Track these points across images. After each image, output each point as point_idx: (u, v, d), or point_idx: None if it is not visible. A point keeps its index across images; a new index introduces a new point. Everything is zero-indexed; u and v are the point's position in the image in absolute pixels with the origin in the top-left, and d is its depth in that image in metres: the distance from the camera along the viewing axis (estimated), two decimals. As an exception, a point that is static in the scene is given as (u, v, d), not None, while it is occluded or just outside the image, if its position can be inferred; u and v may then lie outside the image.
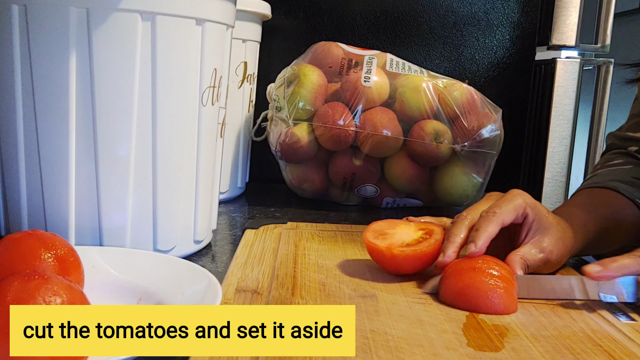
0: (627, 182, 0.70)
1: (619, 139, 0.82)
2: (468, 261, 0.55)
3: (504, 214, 0.58)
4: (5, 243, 0.48)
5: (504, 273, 0.53)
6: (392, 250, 0.58)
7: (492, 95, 0.96)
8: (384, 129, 0.90)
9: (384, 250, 0.59)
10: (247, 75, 0.96)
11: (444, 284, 0.54)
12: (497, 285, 0.52)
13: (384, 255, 0.59)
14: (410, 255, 0.58)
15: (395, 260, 0.59)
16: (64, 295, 0.38)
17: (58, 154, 0.58)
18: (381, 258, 0.60)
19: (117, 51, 0.57)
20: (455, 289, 0.53)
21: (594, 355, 0.44)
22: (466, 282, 0.53)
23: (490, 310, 0.51)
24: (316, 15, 1.15)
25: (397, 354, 0.43)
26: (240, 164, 1.01)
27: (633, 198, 0.68)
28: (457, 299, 0.53)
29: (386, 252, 0.59)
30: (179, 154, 0.63)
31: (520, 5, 1.16)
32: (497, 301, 0.51)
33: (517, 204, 0.59)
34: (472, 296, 0.52)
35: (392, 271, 0.60)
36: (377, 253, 0.60)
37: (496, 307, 0.51)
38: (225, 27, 0.67)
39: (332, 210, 0.95)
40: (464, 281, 0.53)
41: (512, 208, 0.59)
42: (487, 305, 0.51)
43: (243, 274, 0.58)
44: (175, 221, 0.64)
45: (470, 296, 0.52)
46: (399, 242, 0.60)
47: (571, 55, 1.17)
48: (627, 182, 0.70)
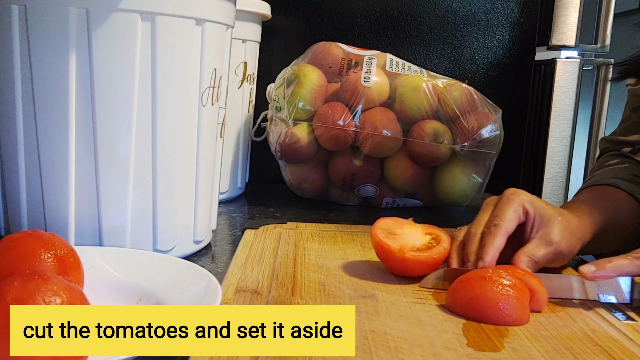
0: (626, 179, 0.71)
1: (612, 142, 0.82)
2: (478, 270, 0.54)
3: (507, 222, 0.58)
4: (5, 243, 0.48)
5: (515, 282, 0.51)
6: (404, 253, 0.58)
7: (492, 95, 0.96)
8: (383, 129, 0.90)
9: (395, 252, 0.58)
10: (247, 75, 0.96)
11: (452, 294, 0.53)
12: (508, 295, 0.50)
13: (394, 257, 0.58)
14: (422, 261, 0.58)
15: (405, 264, 0.58)
16: (64, 295, 0.38)
17: (58, 154, 0.58)
18: (391, 259, 0.59)
19: (117, 51, 0.57)
20: (464, 300, 0.51)
21: (594, 355, 0.44)
22: (476, 292, 0.51)
23: (502, 321, 0.49)
24: (316, 15, 1.15)
25: (397, 354, 0.43)
26: (240, 164, 1.01)
27: (633, 193, 0.69)
28: (466, 310, 0.51)
29: (398, 254, 0.58)
30: (179, 154, 0.63)
31: (520, 5, 1.16)
32: (508, 312, 0.49)
33: (515, 206, 0.59)
34: (483, 307, 0.50)
35: (397, 273, 0.60)
36: (388, 253, 0.59)
37: (508, 318, 0.49)
38: (225, 27, 0.67)
39: (332, 210, 0.95)
40: (474, 291, 0.51)
41: (513, 213, 0.58)
42: (499, 316, 0.49)
43: (243, 274, 0.58)
44: (175, 221, 0.64)
45: (480, 307, 0.50)
46: (410, 245, 0.59)
47: (571, 56, 1.17)
48: (626, 178, 0.71)
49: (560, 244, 0.58)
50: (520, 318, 0.50)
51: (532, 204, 0.59)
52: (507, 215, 0.58)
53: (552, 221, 0.59)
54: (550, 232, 0.58)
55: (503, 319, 0.49)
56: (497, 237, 0.57)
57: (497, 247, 0.56)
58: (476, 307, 0.50)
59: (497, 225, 0.58)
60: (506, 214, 0.58)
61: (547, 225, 0.58)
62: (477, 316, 0.50)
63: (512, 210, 0.58)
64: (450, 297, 0.53)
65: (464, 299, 0.51)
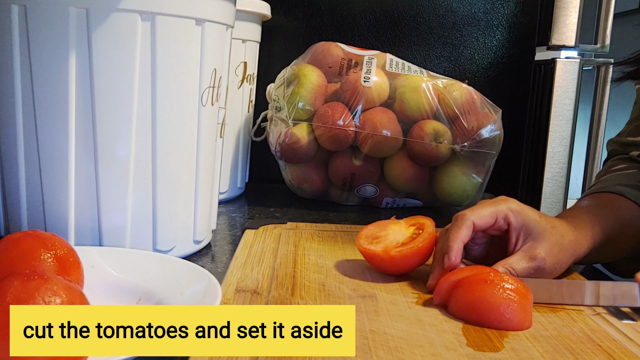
0: (631, 186, 0.69)
1: (620, 144, 0.80)
2: (479, 273, 0.52)
3: (476, 217, 0.55)
4: (5, 243, 0.48)
5: (518, 286, 0.50)
6: (389, 252, 0.58)
7: (492, 95, 0.96)
8: (383, 129, 0.90)
9: (380, 254, 0.58)
10: (246, 75, 0.96)
11: (453, 297, 0.52)
12: (510, 299, 0.49)
13: (382, 259, 0.59)
14: (408, 254, 0.58)
15: (393, 262, 0.58)
16: (64, 295, 0.38)
17: (58, 154, 0.58)
18: (379, 262, 0.59)
19: (117, 51, 0.57)
20: (465, 303, 0.50)
21: (594, 355, 0.44)
22: (477, 295, 0.50)
23: (502, 325, 0.48)
24: (316, 15, 1.15)
25: (397, 354, 0.43)
26: (240, 164, 1.01)
27: (638, 202, 0.66)
28: (467, 313, 0.50)
29: (384, 255, 0.58)
30: (179, 154, 0.63)
31: (520, 5, 1.16)
32: (510, 316, 0.48)
33: (496, 208, 0.56)
34: (484, 310, 0.49)
35: (392, 272, 0.60)
36: (375, 257, 0.59)
37: (509, 322, 0.48)
38: (225, 27, 0.67)
39: (332, 210, 0.95)
40: (475, 294, 0.50)
41: (488, 213, 0.56)
42: (500, 320, 0.48)
43: (243, 274, 0.58)
44: (175, 221, 0.64)
45: (481, 310, 0.49)
46: (394, 243, 0.59)
47: (571, 56, 1.17)
48: (632, 186, 0.69)
49: (545, 260, 0.56)
50: (522, 323, 0.49)
51: (518, 214, 0.56)
52: (480, 212, 0.55)
53: (542, 235, 0.56)
54: (537, 247, 0.56)
55: (504, 323, 0.48)
56: (461, 228, 0.54)
57: (461, 239, 0.54)
58: (477, 311, 0.49)
59: (463, 216, 0.55)
60: (480, 210, 0.55)
61: (535, 239, 0.56)
62: (478, 320, 0.49)
63: (489, 210, 0.56)
64: (451, 299, 0.52)
65: (464, 303, 0.50)
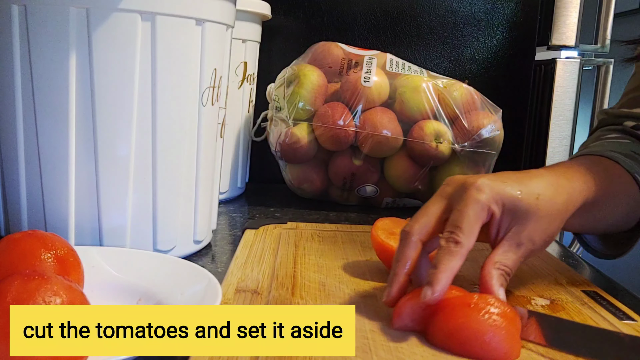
0: (626, 155, 0.62)
1: (612, 116, 0.72)
2: (461, 296, 0.46)
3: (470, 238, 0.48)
4: (5, 243, 0.48)
5: (505, 310, 0.44)
6: None
7: (492, 95, 0.96)
8: (383, 129, 0.90)
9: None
10: (247, 76, 0.97)
11: (432, 323, 0.45)
12: (496, 326, 0.43)
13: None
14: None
15: None
16: (64, 295, 0.38)
17: (58, 154, 0.58)
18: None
19: (117, 51, 0.57)
20: (445, 330, 0.44)
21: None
22: (459, 321, 0.44)
23: (488, 355, 0.42)
24: (316, 15, 1.15)
25: (397, 354, 0.43)
26: (240, 164, 1.01)
27: (632, 172, 0.60)
28: (448, 342, 0.44)
29: None
30: (179, 154, 0.63)
31: (520, 5, 1.16)
32: (496, 345, 0.43)
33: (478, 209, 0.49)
34: (466, 338, 0.43)
35: None
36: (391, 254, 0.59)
37: (494, 352, 0.43)
38: (225, 27, 0.67)
39: (332, 210, 0.95)
40: (457, 320, 0.44)
41: (475, 219, 0.48)
42: (485, 350, 0.42)
43: (243, 274, 0.58)
44: (175, 221, 0.64)
45: (463, 339, 0.43)
46: None
47: (571, 56, 1.17)
48: (627, 154, 0.62)
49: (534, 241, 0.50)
50: (509, 353, 0.43)
51: (499, 200, 0.50)
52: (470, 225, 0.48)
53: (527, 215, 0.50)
54: (523, 230, 0.50)
55: (489, 353, 0.43)
56: (456, 258, 0.46)
57: (452, 271, 0.46)
58: (459, 339, 0.43)
59: (457, 243, 0.47)
60: (468, 222, 0.48)
61: (519, 222, 0.50)
62: (460, 349, 0.43)
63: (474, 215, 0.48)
64: (430, 326, 0.45)
65: (445, 329, 0.44)
